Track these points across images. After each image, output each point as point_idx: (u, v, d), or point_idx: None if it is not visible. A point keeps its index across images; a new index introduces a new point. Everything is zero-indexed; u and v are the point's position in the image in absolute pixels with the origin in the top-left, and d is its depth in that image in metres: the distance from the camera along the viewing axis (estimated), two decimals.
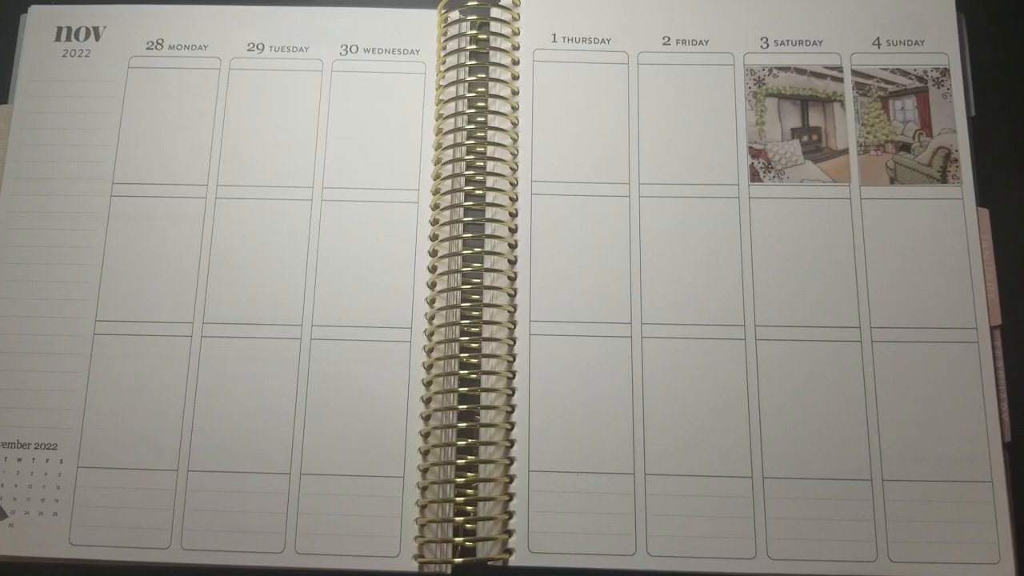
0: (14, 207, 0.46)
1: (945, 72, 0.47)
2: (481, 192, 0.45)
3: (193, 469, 0.43)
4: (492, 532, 0.42)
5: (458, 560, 0.41)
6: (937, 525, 0.42)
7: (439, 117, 0.47)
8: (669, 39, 0.48)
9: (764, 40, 0.48)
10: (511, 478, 0.42)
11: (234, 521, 0.42)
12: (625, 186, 0.46)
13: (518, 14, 0.48)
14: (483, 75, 0.47)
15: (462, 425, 0.43)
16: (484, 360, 0.44)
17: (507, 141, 0.46)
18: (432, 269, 0.45)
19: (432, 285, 0.45)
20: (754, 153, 0.46)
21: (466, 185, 0.45)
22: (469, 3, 0.48)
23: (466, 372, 0.43)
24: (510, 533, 0.42)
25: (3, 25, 0.49)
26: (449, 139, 0.46)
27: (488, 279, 0.45)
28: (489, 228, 0.45)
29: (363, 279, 0.45)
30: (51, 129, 0.47)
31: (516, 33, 0.48)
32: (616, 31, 0.48)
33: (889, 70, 0.47)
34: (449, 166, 0.46)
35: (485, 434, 0.43)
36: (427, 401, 0.44)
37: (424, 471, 0.43)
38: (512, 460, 0.43)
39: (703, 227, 0.45)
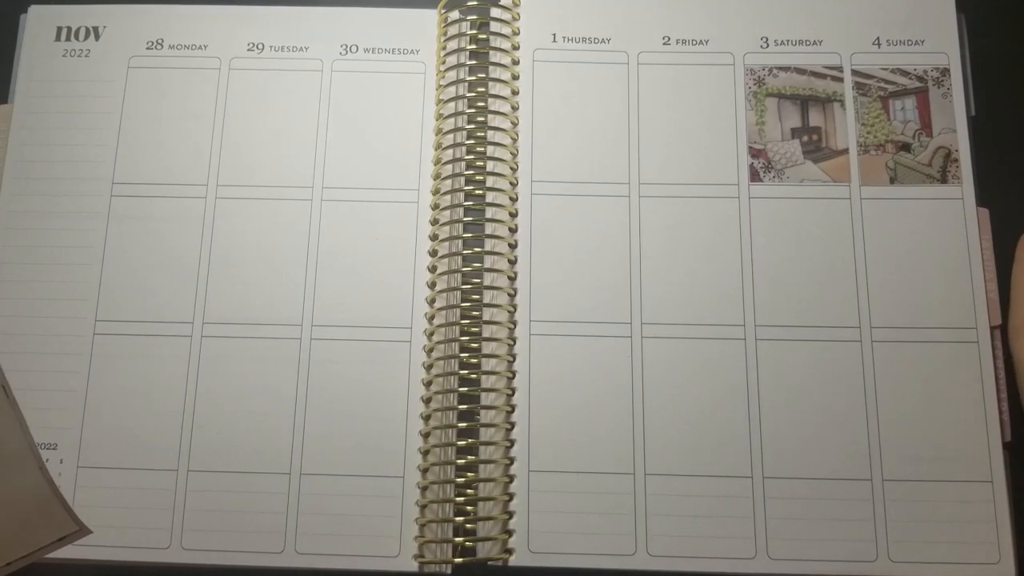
0: (14, 207, 0.46)
1: (945, 72, 0.47)
2: (481, 192, 0.45)
3: (193, 469, 0.43)
4: (492, 532, 0.42)
5: (458, 560, 0.41)
6: (937, 525, 0.42)
7: (439, 117, 0.47)
8: (669, 39, 0.48)
9: (764, 40, 0.48)
10: (511, 478, 0.42)
11: (234, 521, 0.42)
12: (625, 186, 0.46)
13: (518, 14, 0.48)
14: (483, 75, 0.47)
15: (462, 425, 0.43)
16: (484, 360, 0.44)
17: (507, 141, 0.46)
18: (432, 269, 0.45)
19: (432, 285, 0.45)
20: (754, 153, 0.46)
21: (466, 185, 0.45)
22: (469, 3, 0.48)
23: (466, 372, 0.43)
24: (510, 533, 0.42)
25: (3, 25, 0.49)
26: (449, 139, 0.46)
27: (488, 279, 0.45)
28: (489, 228, 0.45)
29: (363, 279, 0.45)
30: (51, 129, 0.47)
31: (516, 33, 0.48)
32: (616, 31, 0.48)
33: (889, 70, 0.47)
34: (449, 166, 0.46)
35: (485, 434, 0.43)
36: (427, 401, 0.44)
37: (424, 471, 0.43)
38: (512, 460, 0.43)
39: (703, 227, 0.45)
